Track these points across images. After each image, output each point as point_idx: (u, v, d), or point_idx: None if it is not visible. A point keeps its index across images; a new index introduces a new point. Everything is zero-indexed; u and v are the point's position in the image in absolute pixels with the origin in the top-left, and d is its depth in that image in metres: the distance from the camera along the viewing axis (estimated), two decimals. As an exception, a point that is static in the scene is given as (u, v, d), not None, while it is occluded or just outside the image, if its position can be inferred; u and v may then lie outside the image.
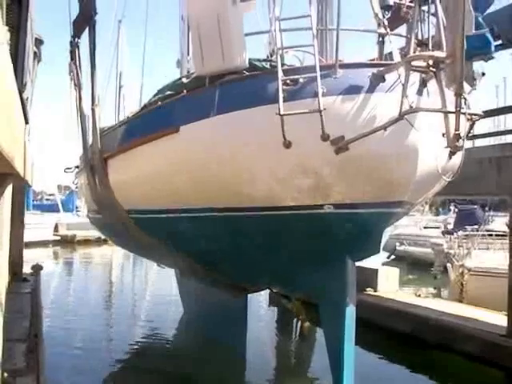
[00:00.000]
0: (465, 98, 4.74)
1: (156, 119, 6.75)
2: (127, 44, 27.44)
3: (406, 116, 4.77)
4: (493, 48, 5.83)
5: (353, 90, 5.19)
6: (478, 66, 6.12)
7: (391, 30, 5.82)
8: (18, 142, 5.02)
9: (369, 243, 6.05)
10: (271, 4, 5.53)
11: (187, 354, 8.95)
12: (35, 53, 9.36)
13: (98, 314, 13.22)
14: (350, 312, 6.02)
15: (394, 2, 5.31)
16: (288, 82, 5.23)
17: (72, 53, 8.19)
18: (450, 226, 17.58)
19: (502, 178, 8.48)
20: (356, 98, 5.16)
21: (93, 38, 7.39)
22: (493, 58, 6.12)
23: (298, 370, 8.88)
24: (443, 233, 18.31)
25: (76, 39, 7.87)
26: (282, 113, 4.98)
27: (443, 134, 4.83)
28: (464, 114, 4.70)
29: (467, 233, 16.00)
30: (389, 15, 5.67)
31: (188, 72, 9.93)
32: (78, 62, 8.00)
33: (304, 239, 6.02)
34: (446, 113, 4.72)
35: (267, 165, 5.61)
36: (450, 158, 5.23)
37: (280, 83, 5.08)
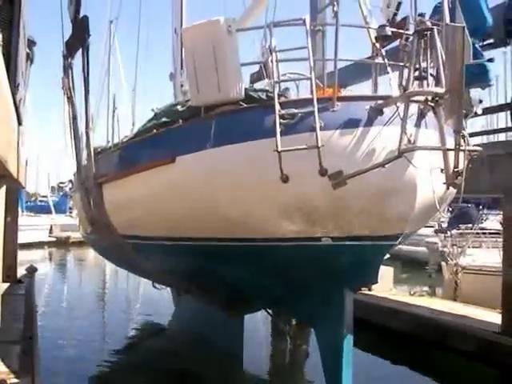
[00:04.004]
0: (463, 135, 4.74)
1: (152, 148, 6.71)
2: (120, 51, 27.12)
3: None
4: (491, 76, 5.86)
5: (351, 123, 5.15)
6: (475, 91, 6.17)
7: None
8: (12, 144, 5.01)
9: (367, 274, 6.08)
10: (267, 35, 5.39)
11: (184, 354, 8.95)
12: (28, 54, 9.31)
13: (93, 315, 13.26)
14: (348, 341, 6.01)
15: (392, 32, 5.25)
16: (285, 115, 5.19)
17: (65, 67, 8.03)
18: (444, 225, 17.60)
19: (494, 176, 8.53)
20: (354, 131, 5.13)
21: (86, 60, 7.22)
22: (491, 85, 6.15)
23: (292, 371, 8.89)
24: (436, 231, 18.35)
25: (69, 59, 7.72)
26: (279, 149, 4.92)
27: (441, 170, 4.84)
28: (463, 151, 4.71)
29: (461, 231, 16.05)
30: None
31: (182, 86, 9.92)
32: (71, 83, 7.83)
33: (301, 270, 5.99)
34: (446, 150, 4.73)
35: (264, 199, 5.57)
36: (448, 188, 5.23)
37: (277, 118, 5.04)
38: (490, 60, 6.18)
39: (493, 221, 19.08)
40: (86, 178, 8.10)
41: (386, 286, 12.42)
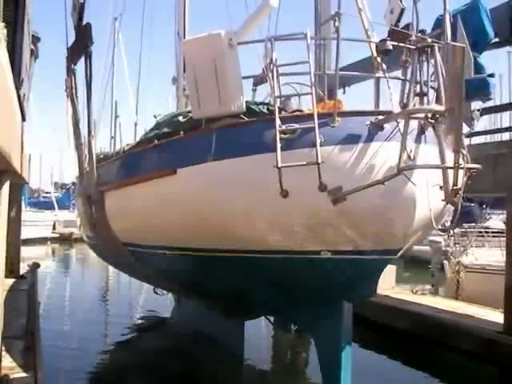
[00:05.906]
0: (463, 154, 4.74)
1: (154, 159, 6.76)
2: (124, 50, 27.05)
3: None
4: (492, 90, 5.79)
5: (351, 139, 5.13)
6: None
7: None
8: (15, 139, 5.03)
9: (365, 287, 6.13)
10: (268, 49, 5.37)
11: (184, 353, 8.96)
12: (32, 50, 9.34)
13: (95, 310, 13.32)
14: (346, 352, 6.03)
15: (394, 46, 5.20)
16: (286, 130, 5.19)
17: (68, 69, 7.93)
18: (447, 224, 17.57)
19: (498, 175, 8.51)
20: (354, 147, 5.11)
21: (89, 68, 7.14)
22: (491, 99, 6.14)
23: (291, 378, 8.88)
24: (439, 230, 18.31)
25: (72, 65, 7.65)
26: (279, 165, 4.92)
27: (441, 187, 4.85)
28: (462, 168, 4.71)
29: (464, 230, 16.02)
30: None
31: (184, 90, 9.95)
32: (74, 88, 7.74)
33: (300, 282, 6.01)
34: (445, 168, 4.74)
35: (264, 213, 5.58)
36: (447, 204, 5.20)
37: (278, 134, 5.03)
38: (491, 75, 6.20)
39: (496, 220, 19.04)
40: (88, 186, 8.08)
41: (389, 285, 12.43)
